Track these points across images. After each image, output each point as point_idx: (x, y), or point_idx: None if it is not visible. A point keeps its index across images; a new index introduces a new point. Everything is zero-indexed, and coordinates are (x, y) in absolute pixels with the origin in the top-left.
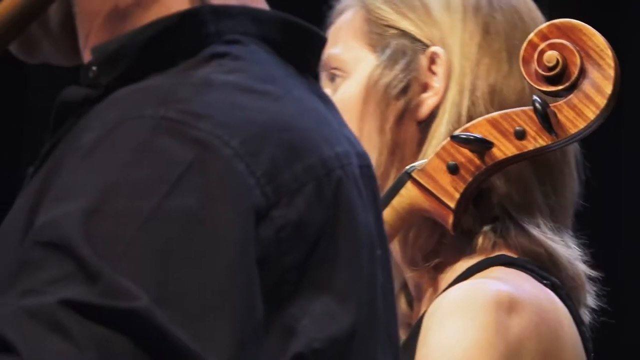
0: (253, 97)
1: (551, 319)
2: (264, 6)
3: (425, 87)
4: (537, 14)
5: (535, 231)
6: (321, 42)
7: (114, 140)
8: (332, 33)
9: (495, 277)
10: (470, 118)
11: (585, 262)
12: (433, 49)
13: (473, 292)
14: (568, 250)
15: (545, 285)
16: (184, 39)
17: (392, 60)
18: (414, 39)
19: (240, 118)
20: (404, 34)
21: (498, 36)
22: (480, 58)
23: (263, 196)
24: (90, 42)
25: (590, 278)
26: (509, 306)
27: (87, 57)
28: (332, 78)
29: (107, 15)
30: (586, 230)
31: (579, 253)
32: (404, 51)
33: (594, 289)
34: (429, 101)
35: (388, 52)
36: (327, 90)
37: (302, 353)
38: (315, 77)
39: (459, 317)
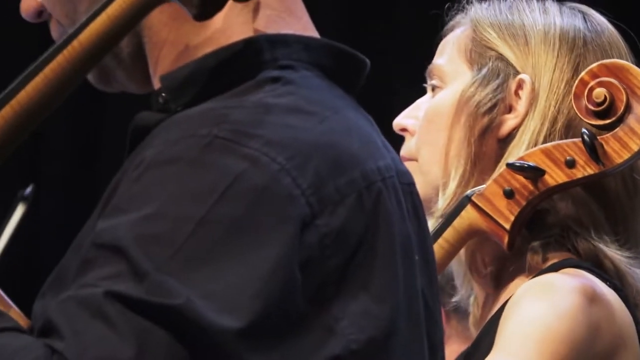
0: (301, 118)
1: (620, 316)
2: (315, 34)
3: (509, 109)
4: (625, 51)
5: (600, 244)
6: (364, 65)
7: (170, 156)
8: (442, 44)
9: (572, 274)
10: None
11: None
12: (522, 76)
13: (560, 280)
14: (633, 265)
15: (610, 286)
16: (243, 65)
17: (486, 80)
18: (508, 63)
19: (288, 137)
20: (501, 57)
21: None
22: (565, 95)
23: (308, 206)
24: (158, 69)
25: None
26: (591, 297)
27: (156, 84)
28: (433, 88)
29: (173, 45)
30: None
31: None
32: (498, 73)
33: None
34: (510, 122)
35: (484, 71)
36: (430, 94)
37: (339, 355)
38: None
39: (547, 297)
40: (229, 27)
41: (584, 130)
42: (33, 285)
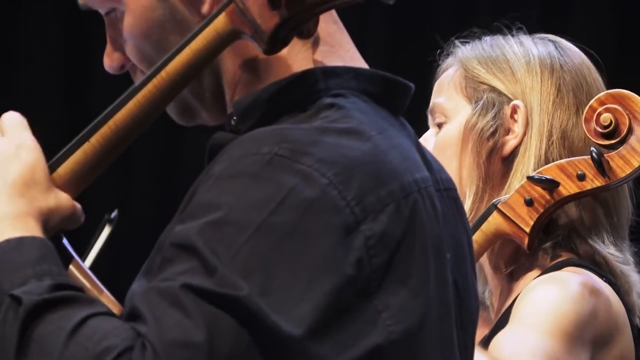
0: (350, 138)
1: (615, 306)
2: (362, 63)
3: (508, 131)
4: (597, 75)
5: (598, 246)
6: (408, 89)
7: (236, 170)
8: (437, 85)
9: (573, 272)
10: (547, 158)
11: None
12: (515, 102)
13: (566, 275)
14: (623, 264)
15: (606, 281)
16: (301, 93)
17: (484, 110)
18: (500, 93)
19: (337, 155)
20: (493, 89)
21: (568, 94)
22: (554, 112)
23: (352, 214)
24: (233, 94)
25: None
26: (591, 289)
27: (229, 109)
28: (439, 125)
29: (245, 80)
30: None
31: (632, 261)
32: (493, 103)
33: None
34: (511, 142)
35: (481, 103)
36: (434, 130)
37: (380, 345)
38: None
39: (556, 286)
40: (290, 59)
41: (592, 149)
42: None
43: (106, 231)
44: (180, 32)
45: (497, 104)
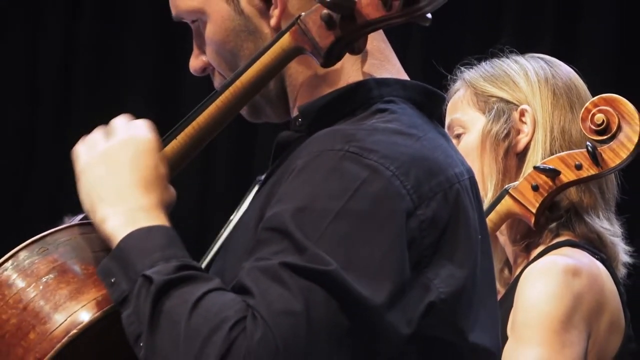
0: (403, 138)
1: (600, 281)
2: (405, 76)
3: (518, 132)
4: (581, 81)
5: (592, 222)
6: (442, 99)
7: (316, 164)
8: (451, 104)
9: (564, 254)
10: (551, 149)
11: (624, 239)
12: (522, 107)
13: (550, 264)
14: (613, 235)
15: (597, 258)
16: (358, 99)
17: (496, 117)
18: (508, 102)
19: (396, 152)
20: (501, 99)
21: (562, 96)
22: (553, 111)
23: (411, 201)
24: (297, 102)
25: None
26: (573, 273)
27: (294, 112)
28: (458, 136)
29: (306, 87)
30: (624, 214)
31: (621, 231)
32: (503, 110)
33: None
34: (523, 140)
35: (493, 112)
36: (455, 141)
37: (434, 302)
38: (439, 121)
39: (542, 280)
40: (345, 71)
41: (588, 143)
42: None
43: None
44: (254, 41)
45: (507, 111)
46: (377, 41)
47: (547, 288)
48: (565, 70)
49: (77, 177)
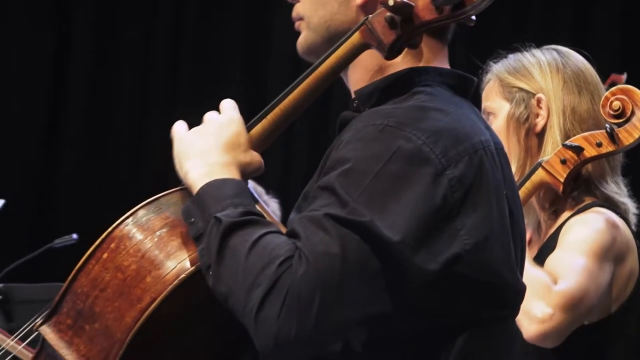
0: (436, 113)
1: (627, 235)
2: (446, 65)
3: (537, 115)
4: (589, 65)
5: (605, 189)
6: (473, 82)
7: (360, 135)
8: (485, 93)
9: (599, 211)
10: (565, 129)
11: (630, 197)
12: (538, 95)
13: (594, 213)
14: (622, 196)
15: (619, 216)
16: (402, 84)
17: (518, 104)
18: (527, 91)
19: (428, 124)
20: (521, 89)
21: (571, 82)
22: (564, 96)
23: (440, 164)
24: (356, 85)
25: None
26: (611, 224)
27: (353, 94)
28: (488, 119)
29: (364, 70)
30: (628, 176)
31: (626, 190)
32: (523, 99)
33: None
34: (541, 122)
35: (514, 100)
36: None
37: (459, 253)
38: (472, 100)
39: (588, 221)
40: (397, 62)
41: (606, 125)
42: None
43: None
44: (345, 4)
45: (526, 99)
46: (427, 37)
47: (594, 225)
48: (574, 59)
49: (174, 147)
